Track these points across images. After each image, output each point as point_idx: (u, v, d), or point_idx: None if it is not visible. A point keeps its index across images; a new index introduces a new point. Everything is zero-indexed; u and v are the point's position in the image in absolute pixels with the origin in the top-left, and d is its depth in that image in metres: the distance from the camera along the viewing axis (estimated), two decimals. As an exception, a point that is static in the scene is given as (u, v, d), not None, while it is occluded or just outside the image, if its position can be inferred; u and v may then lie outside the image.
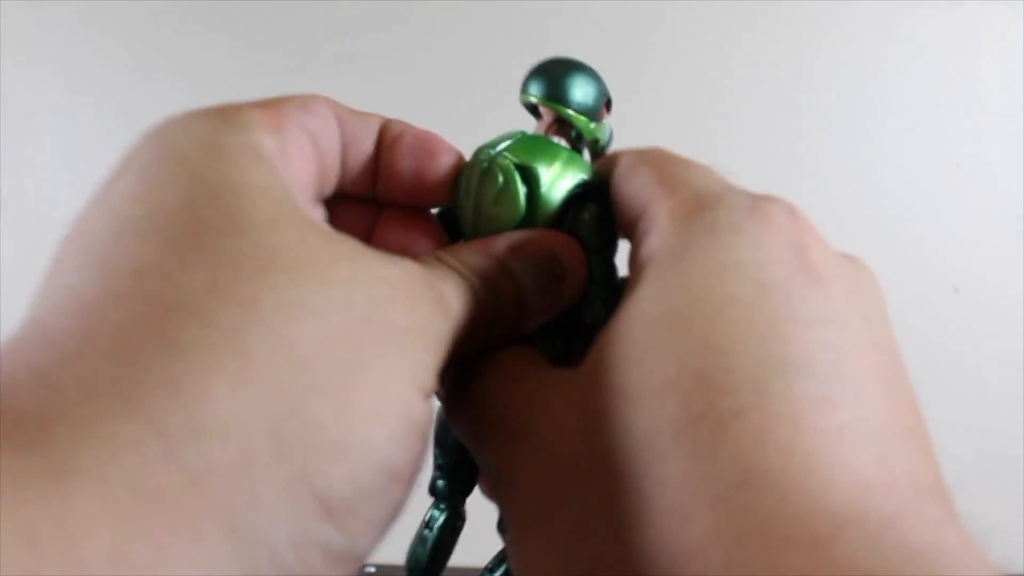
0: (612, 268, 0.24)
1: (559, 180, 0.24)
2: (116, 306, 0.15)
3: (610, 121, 0.28)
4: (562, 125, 0.26)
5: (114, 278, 0.15)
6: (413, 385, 0.16)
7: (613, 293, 0.24)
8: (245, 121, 0.19)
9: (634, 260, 0.20)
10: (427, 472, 0.26)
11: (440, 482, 0.26)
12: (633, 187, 0.22)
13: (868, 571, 0.13)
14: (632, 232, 0.21)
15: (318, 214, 0.22)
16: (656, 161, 0.22)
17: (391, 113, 0.96)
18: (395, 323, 0.16)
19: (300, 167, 0.20)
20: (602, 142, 0.27)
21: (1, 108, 0.91)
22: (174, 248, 0.15)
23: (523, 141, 0.26)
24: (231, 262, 0.15)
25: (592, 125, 0.26)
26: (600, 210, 0.24)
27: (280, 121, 0.19)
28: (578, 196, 0.24)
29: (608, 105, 0.27)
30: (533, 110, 0.27)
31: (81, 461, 0.12)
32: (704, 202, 0.19)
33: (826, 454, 0.14)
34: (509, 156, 0.25)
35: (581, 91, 0.26)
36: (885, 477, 0.15)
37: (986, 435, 0.79)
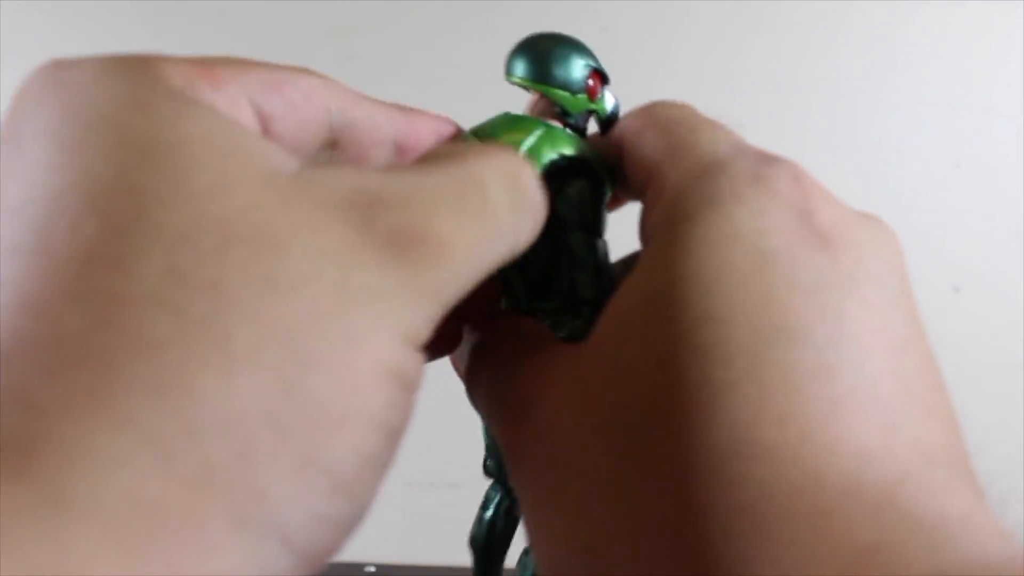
0: (595, 246, 0.24)
1: (533, 155, 0.24)
2: (69, 303, 0.13)
3: (611, 90, 0.28)
4: (548, 102, 0.26)
5: (58, 268, 0.14)
6: (403, 341, 0.15)
7: (604, 271, 0.24)
8: (168, 69, 0.16)
9: (643, 232, 0.20)
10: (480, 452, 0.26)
11: (490, 461, 0.26)
12: (640, 153, 0.21)
13: (867, 543, 0.13)
14: (643, 202, 0.21)
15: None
16: (663, 123, 0.22)
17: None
18: (371, 286, 0.15)
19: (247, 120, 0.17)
20: (603, 113, 0.27)
21: (1, 108, 0.91)
22: (116, 227, 0.14)
23: (499, 121, 0.26)
24: (184, 239, 0.14)
25: (579, 98, 0.26)
26: (585, 184, 0.24)
27: (216, 79, 0.17)
28: (560, 170, 0.24)
29: (600, 76, 0.27)
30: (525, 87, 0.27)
31: (74, 486, 0.12)
32: (707, 170, 0.19)
33: (824, 423, 0.14)
34: (475, 136, 0.25)
35: (561, 65, 0.26)
36: (888, 445, 0.14)
37: (986, 435, 0.79)
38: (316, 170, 0.16)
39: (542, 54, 0.26)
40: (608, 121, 0.27)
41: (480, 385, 0.21)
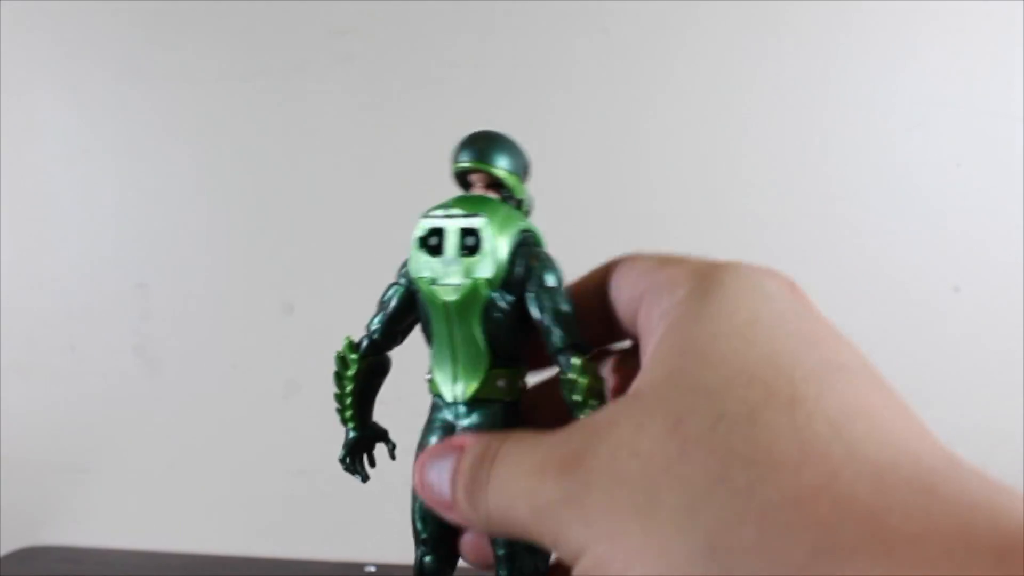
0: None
1: (506, 226, 0.28)
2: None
3: (529, 188, 0.31)
4: (493, 187, 0.29)
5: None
6: None
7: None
8: None
9: (648, 320, 0.24)
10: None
11: (427, 558, 0.29)
12: (634, 272, 0.25)
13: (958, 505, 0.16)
14: (636, 308, 0.25)
15: None
16: (649, 254, 0.26)
17: (389, 111, 0.96)
18: None
19: None
20: (526, 204, 0.30)
21: (1, 109, 0.91)
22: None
23: (466, 199, 0.29)
24: None
25: (521, 185, 0.30)
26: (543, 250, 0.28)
27: None
28: (522, 243, 0.28)
29: (527, 170, 0.30)
30: (462, 179, 0.30)
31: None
32: (716, 263, 0.23)
33: (888, 425, 0.18)
34: (443, 209, 0.28)
35: (507, 156, 0.29)
36: (930, 443, 0.19)
37: (986, 435, 0.79)
38: None
39: (491, 145, 0.29)
40: (525, 212, 0.31)
41: (507, 464, 0.23)
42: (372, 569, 0.83)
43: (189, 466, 0.90)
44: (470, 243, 0.27)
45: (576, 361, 0.26)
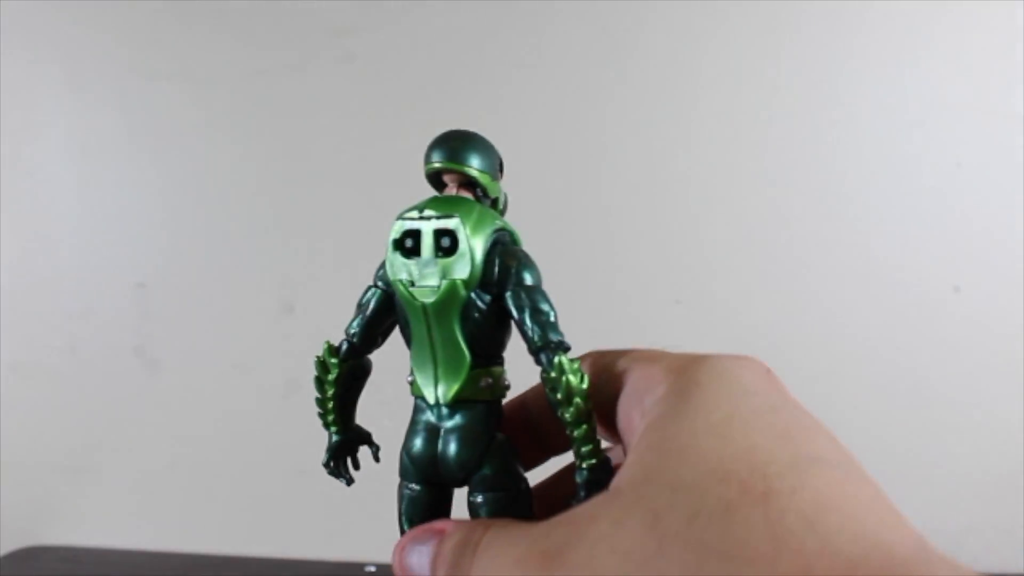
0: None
1: (480, 225, 0.27)
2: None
3: (503, 185, 0.31)
4: (467, 187, 0.29)
5: None
6: None
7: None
8: None
9: (629, 420, 0.25)
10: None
11: None
12: (605, 373, 0.26)
13: None
14: (613, 409, 0.26)
15: None
16: (615, 351, 0.27)
17: (390, 113, 0.96)
18: None
19: None
20: (501, 203, 0.30)
21: (1, 107, 0.91)
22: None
23: (441, 200, 0.28)
24: None
25: (495, 183, 0.30)
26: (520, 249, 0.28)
27: None
28: (498, 241, 0.28)
29: (501, 168, 0.30)
30: (435, 180, 0.30)
31: None
32: (691, 359, 0.24)
33: (863, 516, 0.19)
34: (418, 212, 0.28)
35: (479, 154, 0.29)
36: (902, 533, 0.19)
37: (986, 435, 0.79)
38: None
39: (463, 144, 0.29)
40: (500, 211, 0.31)
41: (491, 554, 0.24)
42: (372, 569, 0.83)
43: (189, 466, 0.90)
44: (446, 244, 0.27)
45: (558, 359, 0.26)
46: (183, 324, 0.90)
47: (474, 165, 0.29)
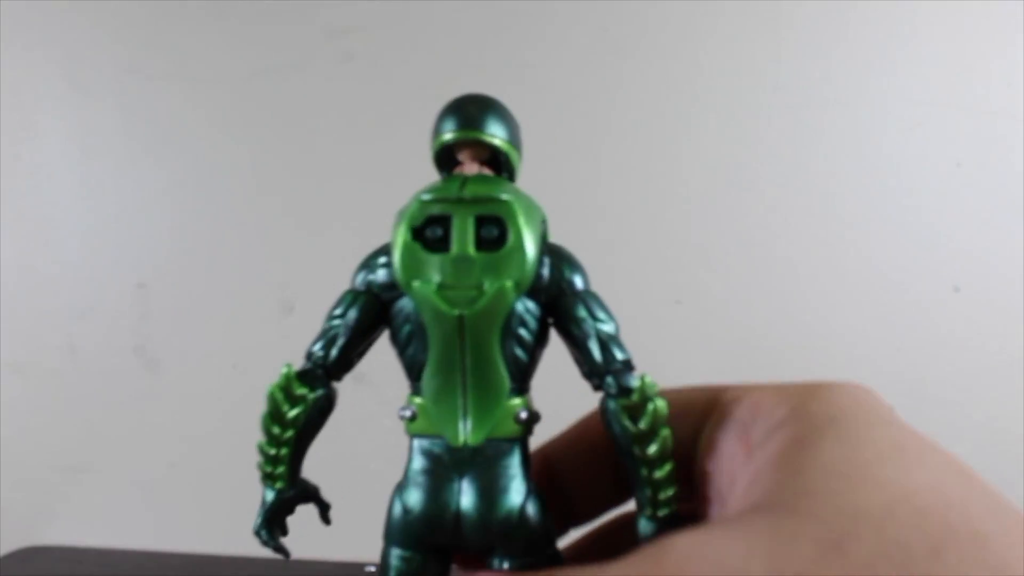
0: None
1: (531, 216, 0.22)
2: None
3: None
4: (488, 164, 0.24)
5: None
6: None
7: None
8: None
9: (734, 439, 0.22)
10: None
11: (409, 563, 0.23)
12: (684, 398, 0.24)
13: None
14: (712, 432, 0.23)
15: None
16: (686, 387, 0.24)
17: (390, 113, 0.96)
18: None
19: None
20: (517, 174, 0.25)
21: (1, 107, 0.91)
22: None
23: (473, 180, 0.23)
24: None
25: (520, 158, 0.24)
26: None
27: None
28: (544, 235, 0.23)
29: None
30: (446, 158, 0.24)
31: None
32: (804, 385, 0.23)
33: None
34: (435, 199, 0.22)
35: (505, 121, 0.24)
36: None
37: (986, 435, 0.79)
38: None
39: (486, 112, 0.23)
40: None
41: None
42: (372, 569, 0.83)
43: (189, 466, 0.90)
44: (491, 235, 0.21)
45: (641, 380, 0.21)
46: (183, 324, 0.90)
47: (499, 135, 0.23)
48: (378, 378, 0.30)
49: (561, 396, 0.26)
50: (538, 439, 0.26)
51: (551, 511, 0.23)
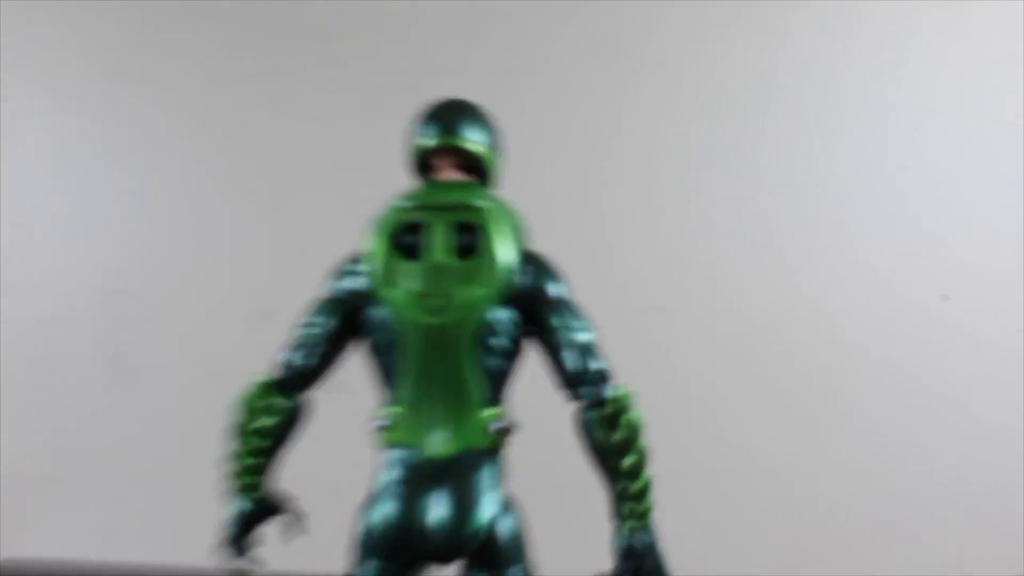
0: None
1: (506, 223, 0.22)
2: None
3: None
4: (466, 170, 0.24)
5: None
6: None
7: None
8: None
9: None
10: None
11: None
12: None
13: None
14: None
15: None
16: None
17: (380, 117, 0.95)
18: None
19: None
20: (498, 178, 0.25)
21: (1, 106, 0.90)
22: None
23: (444, 186, 0.23)
24: None
25: (499, 162, 0.24)
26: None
27: None
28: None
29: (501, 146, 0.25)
30: (423, 163, 0.24)
31: None
32: None
33: None
34: (413, 204, 0.23)
35: (483, 127, 0.24)
36: None
37: (976, 440, 0.78)
38: None
39: (462, 116, 0.24)
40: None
41: None
42: None
43: (165, 477, 0.89)
44: (464, 243, 0.21)
45: (618, 391, 0.21)
46: (159, 331, 0.88)
47: (478, 140, 0.23)
48: (358, 387, 0.29)
49: (543, 406, 0.25)
50: (522, 449, 0.25)
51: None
